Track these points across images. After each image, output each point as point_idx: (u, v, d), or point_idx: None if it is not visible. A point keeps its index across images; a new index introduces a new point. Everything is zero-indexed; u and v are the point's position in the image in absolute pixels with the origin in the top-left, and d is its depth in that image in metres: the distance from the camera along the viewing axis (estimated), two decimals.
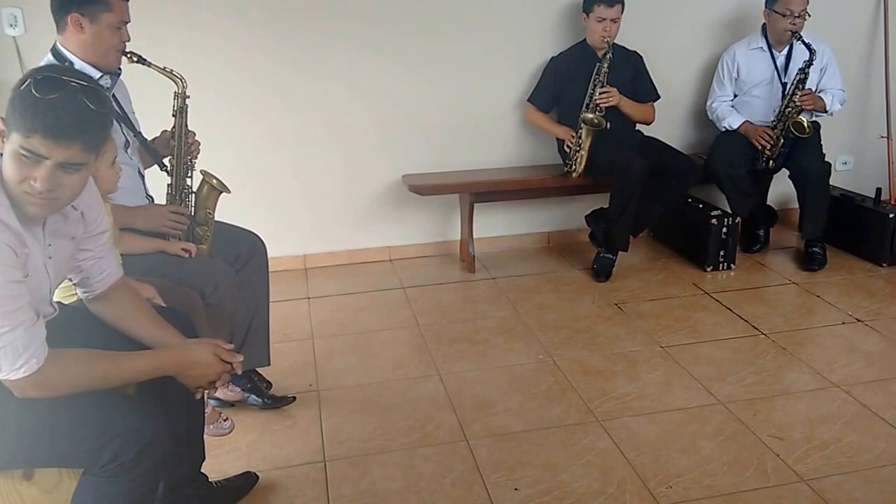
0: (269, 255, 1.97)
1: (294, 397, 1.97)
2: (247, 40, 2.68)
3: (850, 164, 3.39)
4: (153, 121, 1.93)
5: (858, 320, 2.40)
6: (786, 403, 1.93)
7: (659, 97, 2.87)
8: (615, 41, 2.70)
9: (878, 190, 2.94)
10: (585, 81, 2.70)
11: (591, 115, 2.65)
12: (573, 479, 1.65)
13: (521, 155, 3.03)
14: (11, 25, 2.50)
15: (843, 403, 1.92)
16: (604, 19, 2.64)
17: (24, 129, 1.00)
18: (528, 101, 2.89)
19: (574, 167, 2.76)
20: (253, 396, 1.93)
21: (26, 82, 1.00)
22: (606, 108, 2.67)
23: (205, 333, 1.52)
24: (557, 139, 2.87)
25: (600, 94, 2.65)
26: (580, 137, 2.71)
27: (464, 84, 2.90)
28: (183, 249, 1.73)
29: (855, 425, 1.82)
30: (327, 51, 2.76)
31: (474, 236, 2.92)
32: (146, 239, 1.71)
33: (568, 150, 2.77)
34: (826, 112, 2.85)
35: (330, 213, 2.95)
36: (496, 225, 3.11)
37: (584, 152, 2.72)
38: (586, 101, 2.69)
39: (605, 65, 2.66)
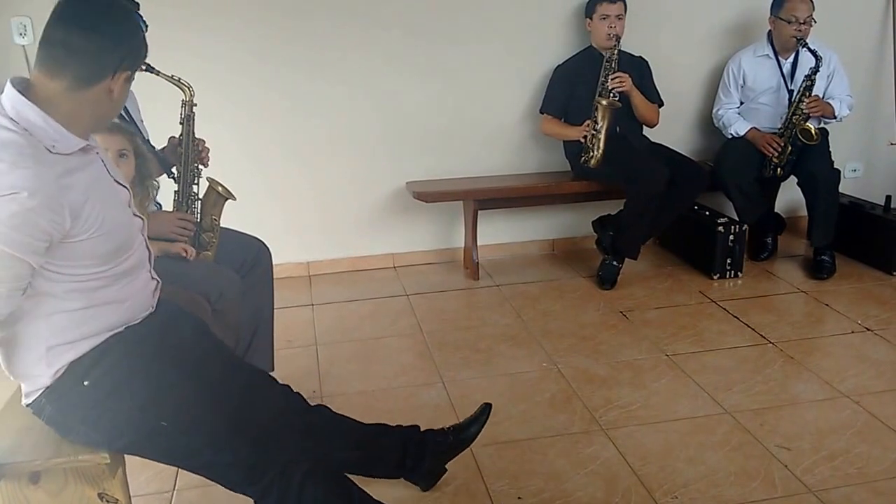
0: (273, 262, 1.98)
1: None
2: (251, 47, 2.70)
3: (860, 171, 3.35)
4: (159, 127, 1.94)
5: (868, 329, 2.37)
6: (794, 413, 1.91)
7: (662, 104, 2.86)
8: (620, 48, 2.70)
9: (888, 197, 2.91)
10: (593, 84, 2.70)
11: (605, 101, 2.63)
12: (577, 489, 1.63)
13: (525, 162, 3.02)
14: (21, 35, 2.54)
15: (853, 413, 1.89)
16: (608, 16, 2.65)
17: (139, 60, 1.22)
18: (542, 112, 2.88)
19: (592, 154, 2.70)
20: None
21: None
22: (618, 101, 2.64)
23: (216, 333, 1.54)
24: (565, 143, 2.86)
25: (612, 79, 2.65)
26: (596, 121, 2.66)
27: (468, 91, 2.91)
28: (182, 249, 1.74)
29: (865, 436, 1.79)
30: (330, 58, 2.77)
31: (478, 243, 2.91)
32: (151, 243, 1.73)
33: (584, 140, 2.72)
34: (835, 118, 2.83)
35: (334, 219, 2.95)
36: (500, 232, 3.10)
37: (601, 136, 2.66)
38: (598, 89, 2.68)
39: (614, 59, 2.66)
